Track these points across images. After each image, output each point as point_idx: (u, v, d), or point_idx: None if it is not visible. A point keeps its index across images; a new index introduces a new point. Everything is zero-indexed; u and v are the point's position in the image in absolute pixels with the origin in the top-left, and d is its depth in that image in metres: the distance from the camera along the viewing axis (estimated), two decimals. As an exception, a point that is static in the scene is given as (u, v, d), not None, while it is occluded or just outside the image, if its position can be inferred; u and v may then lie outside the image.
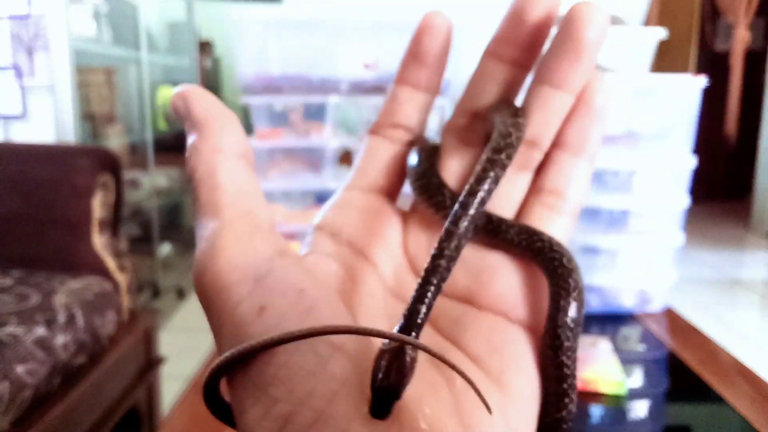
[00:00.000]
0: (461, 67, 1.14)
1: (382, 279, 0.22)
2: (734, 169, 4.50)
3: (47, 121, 1.76)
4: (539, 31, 0.21)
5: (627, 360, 0.89)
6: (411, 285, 0.20)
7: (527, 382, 0.20)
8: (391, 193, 0.24)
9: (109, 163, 1.33)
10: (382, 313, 0.21)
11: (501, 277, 0.21)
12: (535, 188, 0.23)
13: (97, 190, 1.28)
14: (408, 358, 0.17)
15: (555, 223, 0.22)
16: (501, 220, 0.21)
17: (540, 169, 0.23)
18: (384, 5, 3.04)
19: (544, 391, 0.20)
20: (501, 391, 0.19)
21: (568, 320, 0.20)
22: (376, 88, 1.16)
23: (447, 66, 0.23)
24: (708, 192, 4.38)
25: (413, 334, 0.18)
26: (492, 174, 0.20)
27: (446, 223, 0.19)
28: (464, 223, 0.19)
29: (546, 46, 0.22)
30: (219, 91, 3.29)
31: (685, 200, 1.06)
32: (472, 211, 0.19)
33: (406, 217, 0.23)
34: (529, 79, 0.23)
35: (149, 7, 2.48)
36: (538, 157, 0.22)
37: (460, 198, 0.19)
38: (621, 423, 0.77)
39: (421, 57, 0.23)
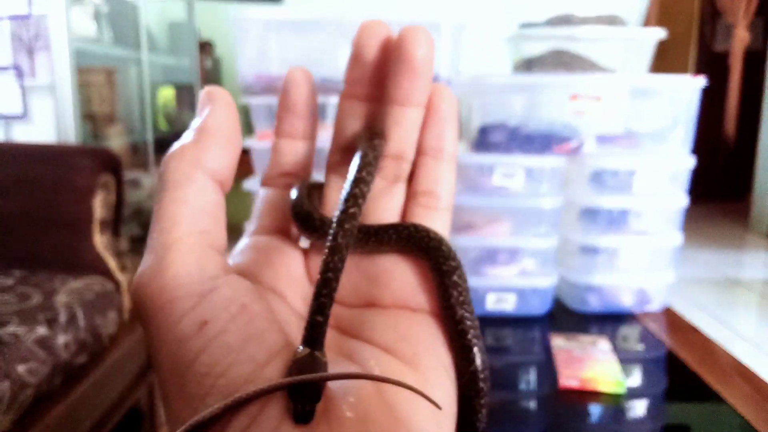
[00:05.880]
0: (461, 67, 1.14)
1: (292, 308, 0.23)
2: (733, 169, 4.49)
3: (48, 121, 1.76)
4: (380, 66, 0.24)
5: (626, 359, 0.89)
6: None
7: (440, 361, 0.21)
8: (288, 233, 0.26)
9: (110, 164, 1.33)
10: (299, 338, 0.21)
11: (395, 275, 0.23)
12: (410, 194, 0.25)
13: (98, 190, 1.28)
14: (320, 363, 0.19)
15: (434, 219, 0.24)
16: (379, 228, 0.23)
17: (411, 177, 0.25)
18: (383, 5, 3.04)
19: (459, 371, 0.22)
20: (416, 371, 0.21)
21: (456, 296, 0.22)
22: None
23: (316, 112, 0.25)
24: (707, 192, 4.38)
25: (317, 341, 0.19)
26: (357, 191, 0.22)
27: (328, 242, 0.21)
28: (342, 237, 0.21)
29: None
30: (219, 91, 3.29)
31: (684, 200, 1.06)
32: (347, 226, 0.21)
33: (306, 251, 0.25)
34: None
35: (150, 8, 2.47)
36: (406, 167, 0.25)
37: (335, 216, 0.21)
38: (620, 422, 0.77)
39: (292, 108, 0.25)
